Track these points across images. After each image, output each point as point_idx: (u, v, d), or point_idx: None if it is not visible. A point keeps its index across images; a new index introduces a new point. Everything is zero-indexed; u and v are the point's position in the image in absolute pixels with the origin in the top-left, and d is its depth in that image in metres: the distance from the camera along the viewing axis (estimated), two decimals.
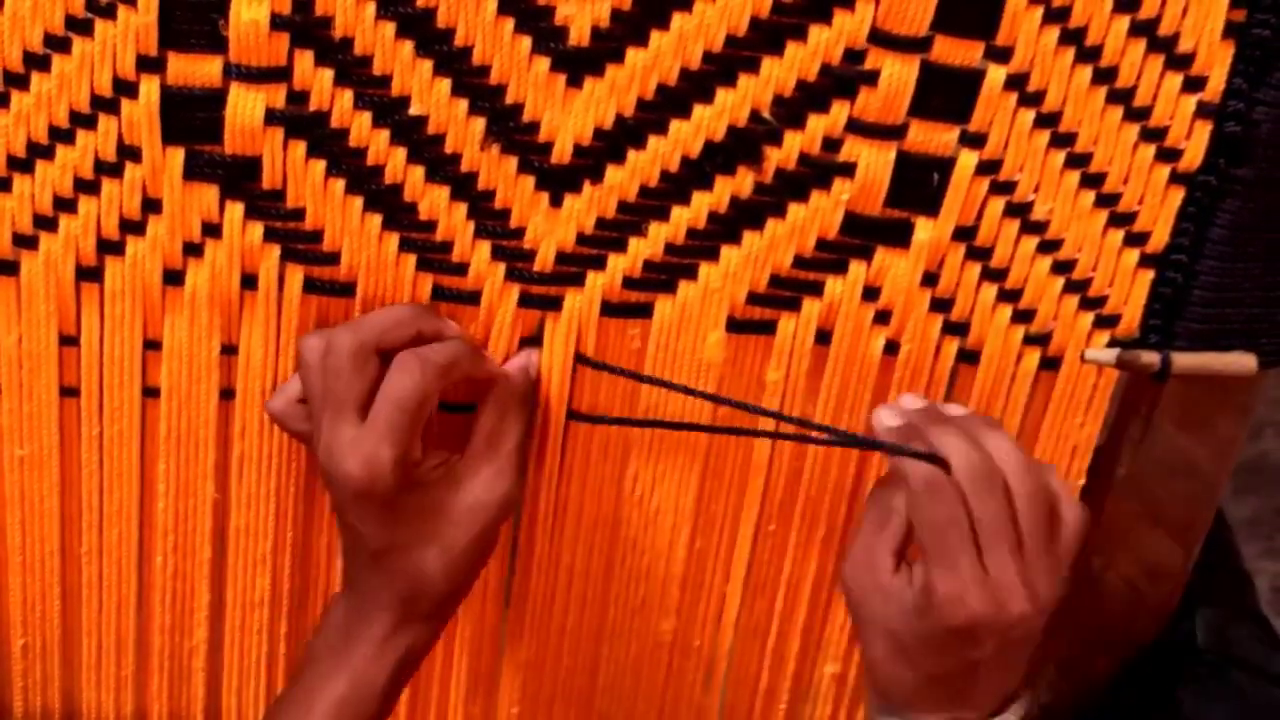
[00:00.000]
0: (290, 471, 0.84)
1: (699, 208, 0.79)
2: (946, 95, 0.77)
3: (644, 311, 0.82)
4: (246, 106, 0.74)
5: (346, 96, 0.75)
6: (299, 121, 0.75)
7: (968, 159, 0.78)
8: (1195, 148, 0.79)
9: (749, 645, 0.93)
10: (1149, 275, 0.82)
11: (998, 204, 0.79)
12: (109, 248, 0.78)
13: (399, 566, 0.77)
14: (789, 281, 0.81)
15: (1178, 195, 0.80)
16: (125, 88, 0.74)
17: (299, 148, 0.76)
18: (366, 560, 0.78)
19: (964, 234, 0.80)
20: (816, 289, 0.81)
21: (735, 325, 0.82)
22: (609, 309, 0.81)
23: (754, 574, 0.90)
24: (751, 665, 0.93)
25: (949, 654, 0.75)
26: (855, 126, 0.77)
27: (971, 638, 0.74)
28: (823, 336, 0.83)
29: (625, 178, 0.77)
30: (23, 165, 0.75)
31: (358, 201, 0.77)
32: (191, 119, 0.75)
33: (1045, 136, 0.78)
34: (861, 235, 0.80)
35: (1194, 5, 0.75)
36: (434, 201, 0.77)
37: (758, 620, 0.92)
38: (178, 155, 0.75)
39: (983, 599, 0.73)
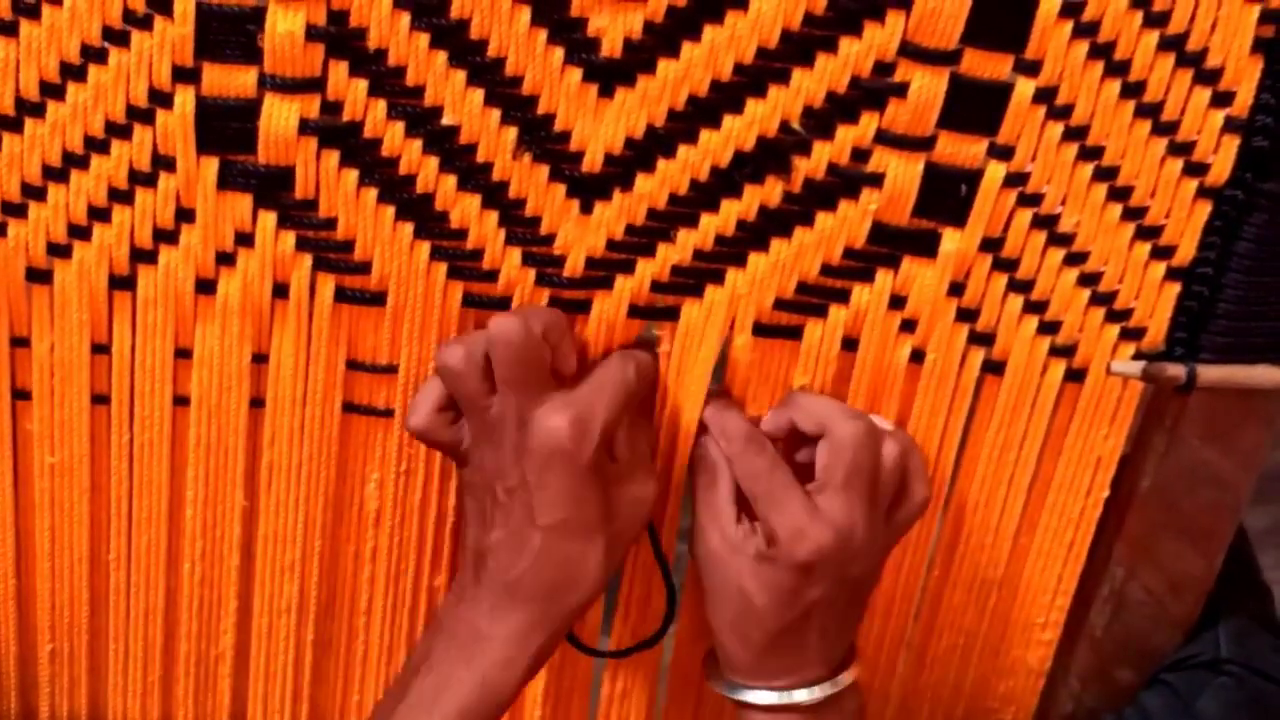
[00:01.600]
0: (319, 480, 0.85)
1: (728, 216, 0.79)
2: (975, 108, 0.77)
3: (671, 315, 0.82)
4: (280, 116, 0.75)
5: (380, 107, 0.75)
6: (332, 131, 0.76)
7: (995, 171, 0.78)
8: (1223, 162, 0.79)
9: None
10: (1175, 288, 0.82)
11: (1025, 216, 0.80)
12: (142, 256, 0.78)
13: (562, 552, 0.77)
14: (816, 289, 0.82)
15: (1205, 209, 0.80)
16: (161, 98, 0.74)
17: (332, 157, 0.76)
18: (526, 542, 0.77)
19: (991, 245, 0.81)
20: (843, 296, 0.82)
21: (762, 330, 0.83)
22: (636, 311, 0.82)
23: None
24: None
25: (792, 601, 0.79)
26: (884, 138, 0.77)
27: (812, 573, 0.79)
28: (849, 344, 0.83)
29: (655, 186, 0.78)
30: (58, 174, 0.76)
31: (389, 211, 0.78)
32: (226, 129, 0.75)
33: (1073, 149, 0.78)
34: (889, 245, 0.81)
35: (1223, 20, 0.75)
36: (465, 210, 0.78)
37: None
38: (212, 165, 0.76)
39: (821, 530, 0.78)
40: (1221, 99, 0.78)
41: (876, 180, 0.78)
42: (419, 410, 0.80)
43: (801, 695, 0.82)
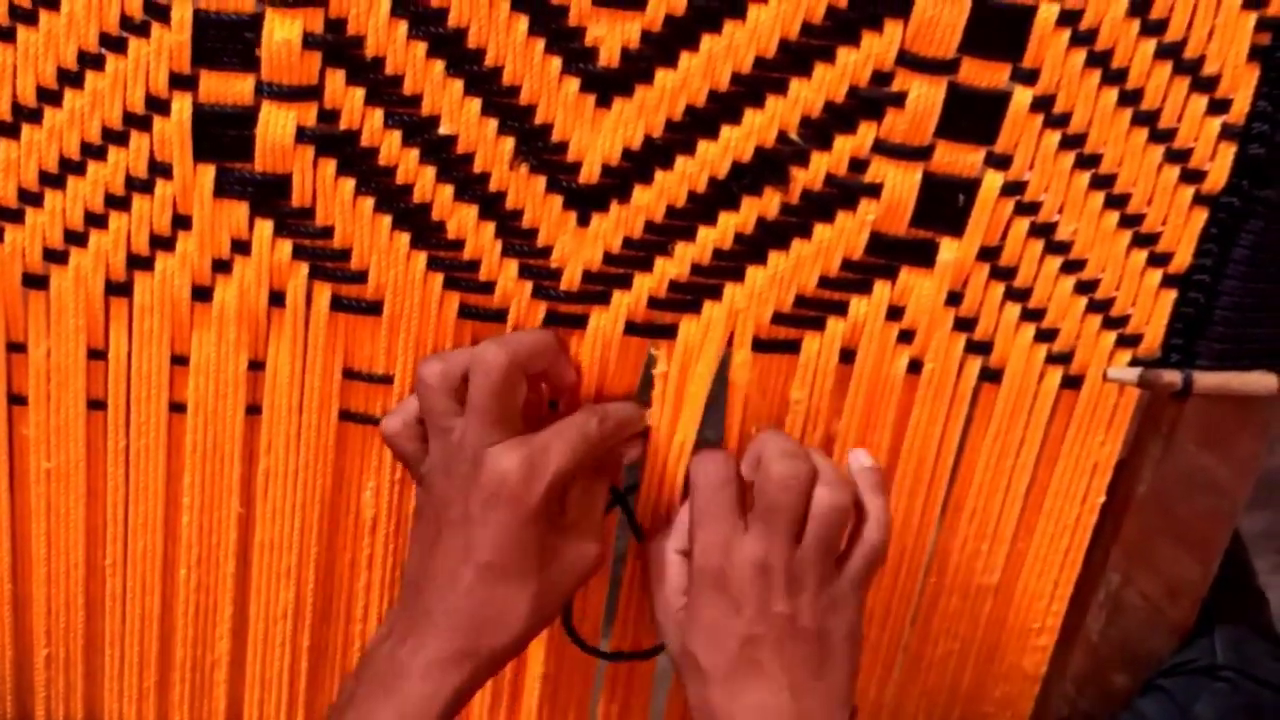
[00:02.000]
0: (315, 487, 0.85)
1: (725, 228, 0.80)
2: (973, 117, 0.78)
3: (669, 332, 0.83)
4: (278, 124, 0.75)
5: (377, 115, 0.76)
6: (329, 140, 0.76)
7: (993, 180, 0.79)
8: (1219, 169, 0.80)
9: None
10: (1171, 295, 0.83)
11: (1022, 225, 0.81)
12: (139, 263, 0.79)
13: (491, 591, 0.77)
14: (814, 301, 0.82)
15: (1201, 216, 0.81)
16: (158, 105, 0.75)
17: (329, 166, 0.77)
18: (459, 578, 0.77)
19: (988, 254, 0.81)
20: (841, 309, 0.82)
21: (760, 345, 0.83)
22: (634, 328, 0.82)
23: None
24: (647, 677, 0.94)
25: (721, 632, 0.78)
26: (882, 147, 0.78)
27: (726, 594, 0.78)
28: (846, 356, 0.84)
29: (653, 198, 0.79)
30: (55, 181, 0.77)
31: (386, 220, 0.78)
32: (222, 136, 0.76)
33: (1070, 158, 0.79)
34: (886, 255, 0.81)
35: (1219, 28, 0.76)
36: (462, 220, 0.78)
37: None
38: (208, 172, 0.77)
39: (729, 552, 0.79)
40: (1218, 106, 0.78)
41: (874, 190, 0.79)
42: (396, 414, 0.81)
43: None
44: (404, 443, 0.81)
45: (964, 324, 0.83)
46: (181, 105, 0.75)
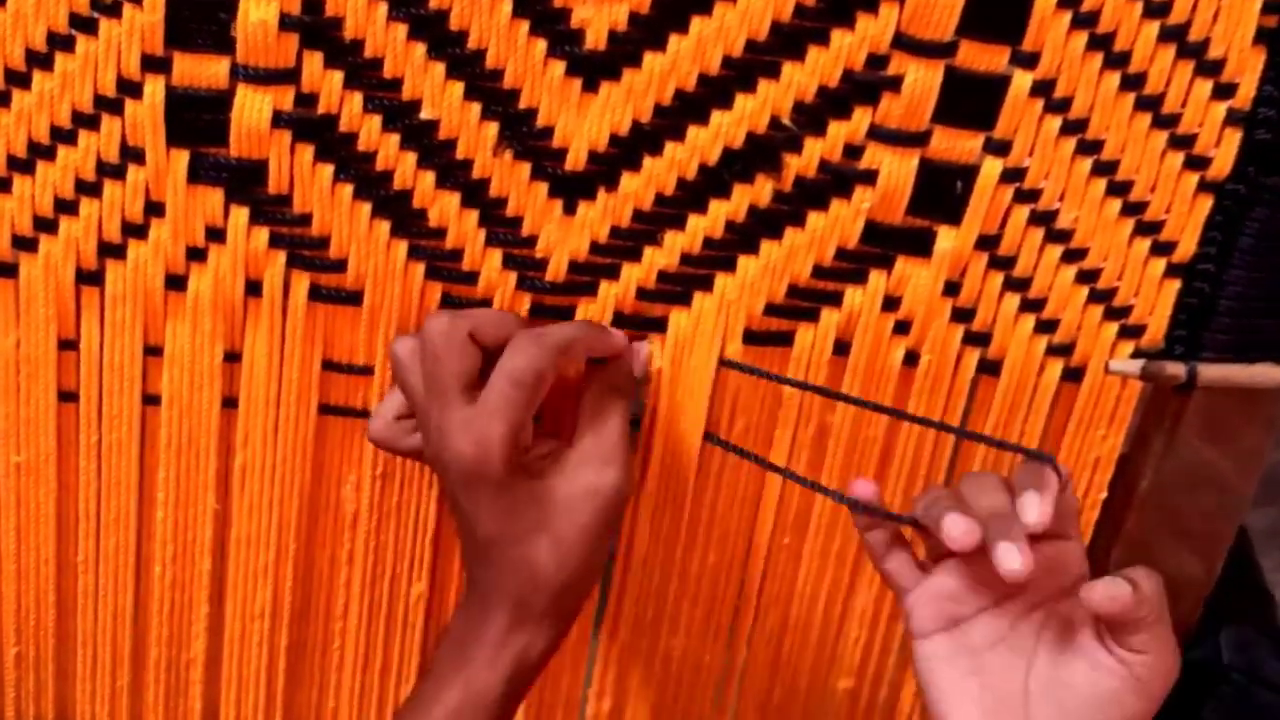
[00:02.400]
0: (293, 481, 0.85)
1: (716, 217, 0.79)
2: (971, 101, 0.77)
3: (659, 325, 0.82)
4: (254, 108, 0.75)
5: (356, 99, 0.75)
6: (307, 124, 0.75)
7: (992, 166, 0.78)
8: (1224, 155, 0.79)
9: (761, 660, 0.93)
10: (1175, 285, 0.82)
11: (1022, 212, 0.80)
12: (110, 251, 0.78)
13: (510, 559, 0.76)
14: (807, 292, 0.82)
15: (1206, 204, 0.80)
16: (129, 88, 0.74)
17: (307, 151, 0.76)
18: (479, 554, 0.77)
19: (987, 243, 0.81)
20: (835, 299, 0.82)
21: (752, 337, 0.83)
22: (622, 321, 0.82)
23: (767, 588, 0.91)
24: (763, 681, 0.94)
25: None
26: (877, 133, 0.77)
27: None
28: (841, 347, 0.83)
29: (641, 185, 0.78)
30: (23, 166, 0.76)
31: (366, 207, 0.78)
32: (197, 120, 0.75)
33: (1071, 144, 0.78)
34: (882, 244, 0.81)
35: (1225, 11, 0.76)
36: (444, 208, 0.78)
37: (770, 634, 0.92)
38: (182, 157, 0.76)
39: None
40: (1223, 91, 0.78)
41: (869, 177, 0.78)
42: (378, 417, 0.81)
43: None
44: (398, 441, 0.80)
45: (962, 314, 0.82)
46: (154, 88, 0.74)
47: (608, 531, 0.79)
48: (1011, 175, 0.79)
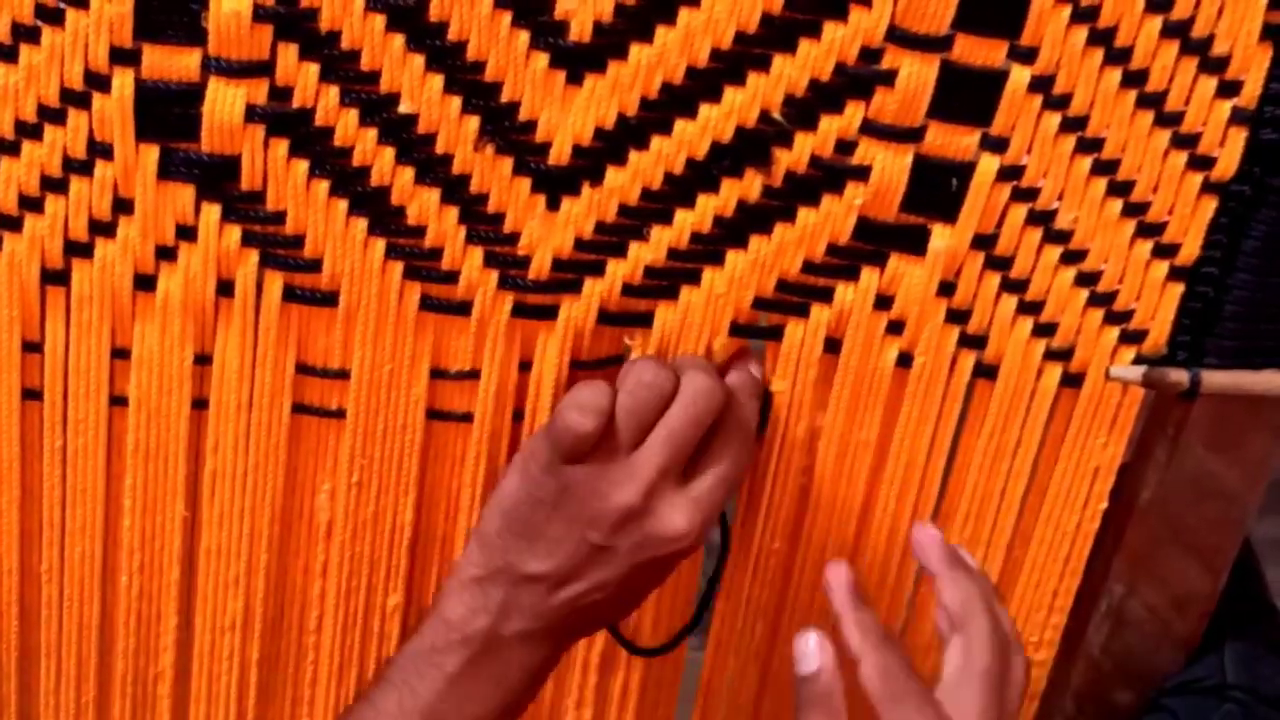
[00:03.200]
0: (265, 489, 0.85)
1: (704, 212, 0.80)
2: (967, 97, 0.78)
3: (644, 321, 0.83)
4: (226, 102, 0.75)
5: (332, 93, 0.75)
6: (281, 119, 0.76)
7: (988, 164, 0.79)
8: (1229, 155, 0.80)
9: (748, 669, 0.94)
10: (1178, 289, 0.83)
11: (1019, 211, 0.81)
12: (77, 250, 0.79)
13: (613, 612, 0.84)
14: (797, 287, 0.82)
15: (1210, 205, 0.81)
16: (97, 81, 0.74)
17: (280, 147, 0.76)
18: (581, 596, 0.79)
19: (983, 242, 0.81)
20: (826, 295, 0.82)
21: (739, 331, 0.83)
22: (607, 317, 0.82)
23: (754, 595, 0.91)
24: (749, 689, 0.94)
25: None
26: (870, 128, 0.78)
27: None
28: (832, 346, 0.84)
29: (627, 180, 0.78)
30: None
31: (342, 204, 0.78)
32: (167, 115, 0.76)
33: (1071, 141, 0.79)
34: (875, 241, 0.81)
35: (1230, 6, 0.76)
36: (424, 205, 0.78)
37: (758, 645, 0.93)
38: (152, 153, 0.76)
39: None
40: (1228, 89, 0.78)
41: (862, 173, 0.79)
42: (595, 415, 0.78)
43: None
44: (588, 444, 0.79)
45: (957, 316, 0.83)
46: (123, 81, 0.74)
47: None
48: (1009, 173, 0.79)
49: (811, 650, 0.76)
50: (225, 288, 0.80)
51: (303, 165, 0.77)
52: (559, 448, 0.77)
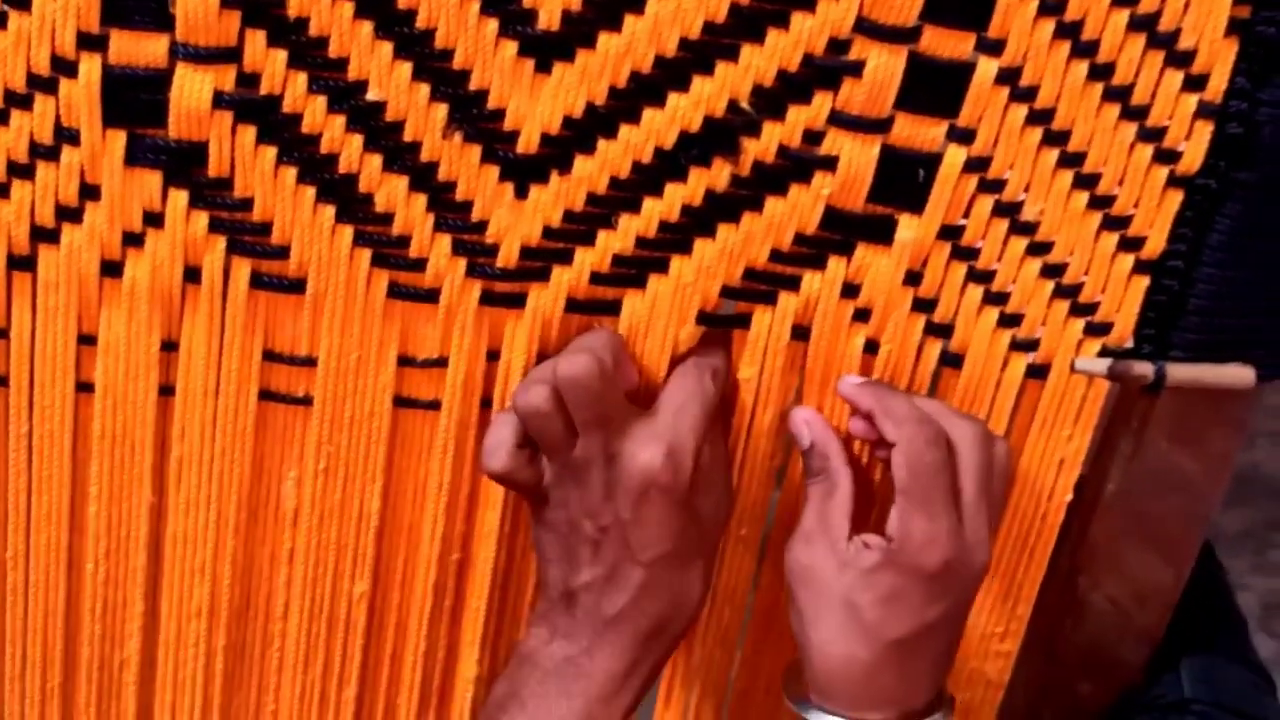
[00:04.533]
0: (232, 476, 0.85)
1: (672, 200, 0.79)
2: (934, 88, 0.78)
3: (612, 308, 0.83)
4: (193, 88, 0.75)
5: (300, 80, 0.75)
6: (249, 105, 0.76)
7: (955, 155, 0.79)
8: (1195, 149, 0.80)
9: (717, 654, 0.94)
10: (1144, 282, 0.83)
11: (986, 203, 0.81)
12: (43, 236, 0.78)
13: (667, 583, 0.81)
14: (765, 275, 0.82)
15: (1176, 198, 0.81)
16: (64, 66, 0.74)
17: (248, 133, 0.76)
18: (627, 579, 0.80)
19: (949, 233, 0.81)
20: (794, 284, 0.82)
21: (707, 319, 0.83)
22: (575, 305, 0.82)
23: (723, 580, 0.91)
24: (720, 673, 0.94)
25: (909, 612, 0.79)
26: (838, 119, 0.78)
27: (938, 587, 0.78)
28: (800, 334, 0.84)
29: (595, 169, 0.78)
30: None
31: (310, 191, 0.78)
32: (134, 100, 0.75)
33: (1037, 134, 0.79)
34: (842, 231, 0.81)
35: (1196, 0, 0.76)
36: (391, 192, 0.78)
37: (726, 628, 0.93)
38: (119, 139, 0.76)
39: (956, 545, 0.78)
40: (1194, 83, 0.78)
41: (830, 163, 0.79)
42: (499, 453, 0.80)
43: None
44: (518, 475, 0.80)
45: (923, 305, 0.83)
46: (90, 67, 0.74)
47: None
48: (975, 165, 0.79)
49: (802, 426, 0.84)
50: (192, 274, 0.80)
51: (270, 152, 0.77)
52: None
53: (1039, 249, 0.82)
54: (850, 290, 0.83)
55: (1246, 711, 0.91)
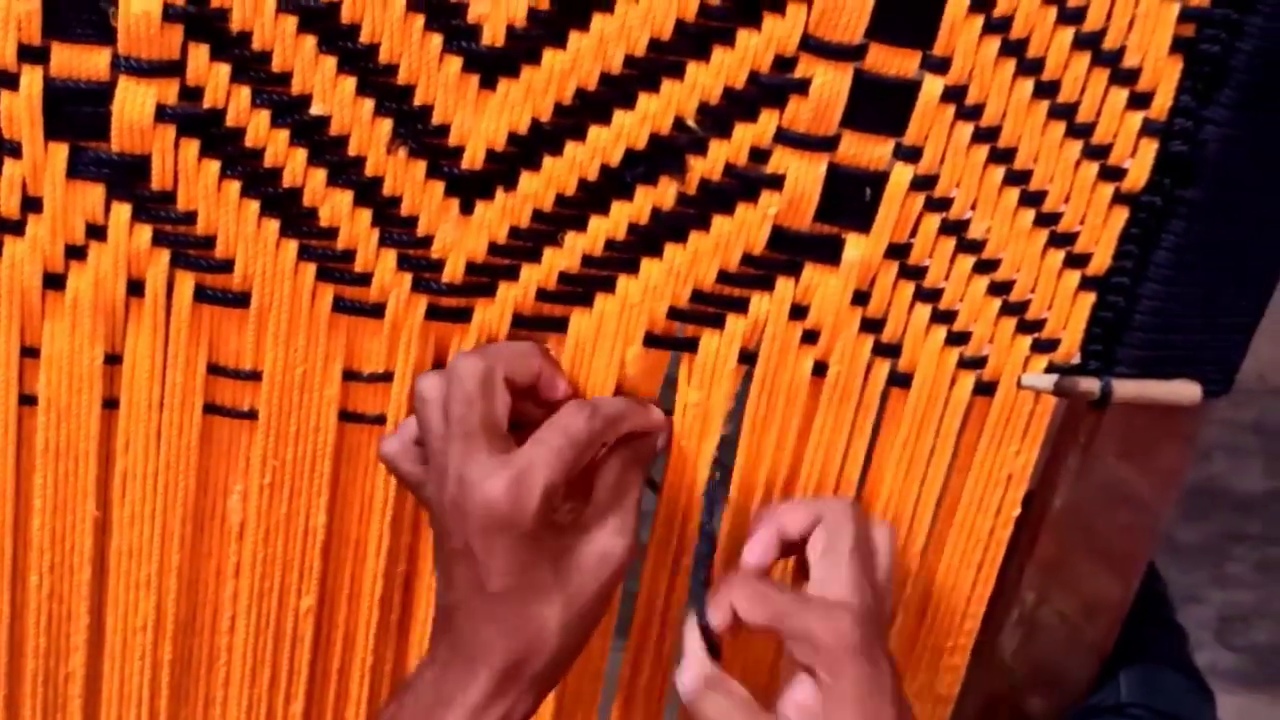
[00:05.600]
0: (177, 489, 0.84)
1: (618, 219, 0.79)
2: (881, 106, 0.78)
3: (559, 326, 0.82)
4: (136, 102, 0.74)
5: (244, 94, 0.75)
6: (192, 119, 0.75)
7: (902, 173, 0.79)
8: (1140, 167, 0.80)
9: (661, 671, 0.94)
10: (1090, 299, 0.83)
11: (933, 221, 0.81)
12: None
13: (518, 615, 0.77)
14: (712, 297, 0.82)
15: (1121, 216, 0.81)
16: (5, 78, 0.74)
17: (191, 147, 0.76)
18: (479, 608, 0.77)
19: (897, 252, 0.81)
20: (742, 306, 0.82)
21: (654, 341, 0.83)
22: (521, 322, 0.82)
23: (671, 602, 0.91)
24: (660, 688, 0.94)
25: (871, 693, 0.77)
26: (784, 137, 0.78)
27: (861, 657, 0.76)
28: (747, 356, 0.84)
29: (541, 186, 0.78)
30: None
31: (254, 205, 0.77)
32: (76, 113, 0.75)
33: (984, 151, 0.79)
34: (789, 251, 0.81)
35: (1140, 18, 0.77)
36: (336, 207, 0.78)
37: (671, 649, 0.93)
38: (61, 151, 0.76)
39: (848, 617, 0.77)
40: (1139, 100, 0.79)
41: (776, 182, 0.79)
42: (395, 436, 0.81)
43: None
44: (404, 464, 0.81)
45: (871, 325, 0.83)
46: (31, 79, 0.74)
47: (606, 605, 0.82)
48: (922, 183, 0.79)
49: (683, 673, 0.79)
50: (136, 287, 0.79)
51: (214, 166, 0.76)
52: None
53: (986, 266, 0.82)
54: (798, 312, 0.83)
55: (1183, 716, 0.92)
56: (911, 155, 0.79)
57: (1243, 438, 1.85)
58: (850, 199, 0.80)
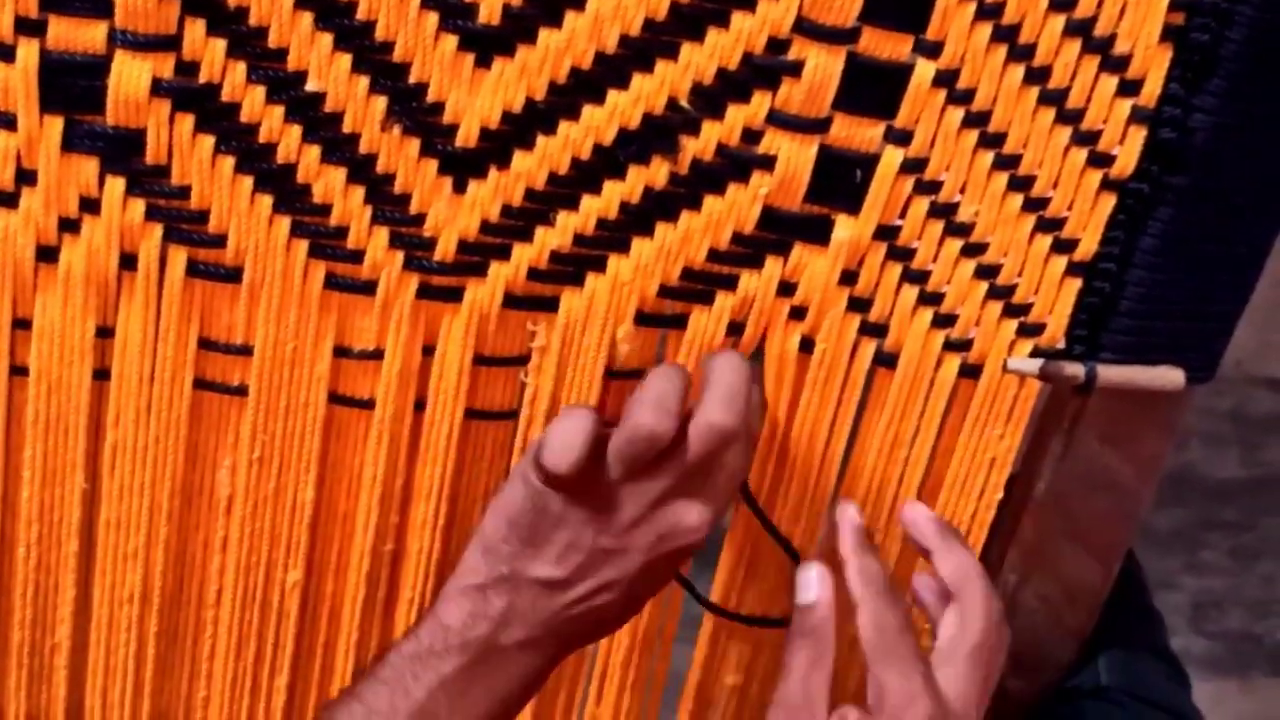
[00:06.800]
0: (166, 463, 0.85)
1: (610, 198, 0.80)
2: (872, 89, 0.78)
3: (550, 305, 0.83)
4: (131, 76, 0.75)
5: (239, 69, 0.75)
6: (187, 94, 0.76)
7: (892, 156, 0.80)
8: (1128, 154, 0.81)
9: (645, 657, 0.94)
10: (1076, 284, 0.84)
11: (922, 204, 0.82)
12: None
13: (612, 613, 0.82)
14: (702, 275, 0.83)
15: (1109, 202, 0.82)
16: (1, 50, 0.74)
17: (186, 121, 0.76)
18: (595, 597, 0.80)
19: (885, 233, 0.82)
20: (731, 283, 0.83)
21: (644, 319, 0.84)
22: (512, 301, 0.82)
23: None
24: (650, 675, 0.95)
25: None
26: (776, 118, 0.79)
27: None
28: (736, 331, 0.85)
29: (534, 164, 0.79)
30: None
31: (247, 181, 0.78)
32: (72, 86, 0.75)
33: (974, 136, 0.80)
34: (779, 230, 0.82)
35: (1131, 6, 0.77)
36: (329, 184, 0.78)
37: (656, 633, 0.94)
38: (56, 124, 0.76)
39: (936, 701, 0.78)
40: (1129, 88, 0.80)
41: (768, 163, 0.80)
42: (573, 453, 0.76)
43: None
44: (575, 483, 0.78)
45: (859, 304, 0.84)
46: (27, 52, 0.74)
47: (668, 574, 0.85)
48: (912, 166, 0.80)
49: (812, 581, 0.81)
50: (129, 261, 0.80)
51: (208, 141, 0.77)
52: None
53: (974, 250, 0.83)
54: (786, 289, 0.83)
55: (1160, 702, 0.93)
56: (902, 138, 0.80)
57: (1219, 425, 1.86)
58: (841, 180, 0.81)
